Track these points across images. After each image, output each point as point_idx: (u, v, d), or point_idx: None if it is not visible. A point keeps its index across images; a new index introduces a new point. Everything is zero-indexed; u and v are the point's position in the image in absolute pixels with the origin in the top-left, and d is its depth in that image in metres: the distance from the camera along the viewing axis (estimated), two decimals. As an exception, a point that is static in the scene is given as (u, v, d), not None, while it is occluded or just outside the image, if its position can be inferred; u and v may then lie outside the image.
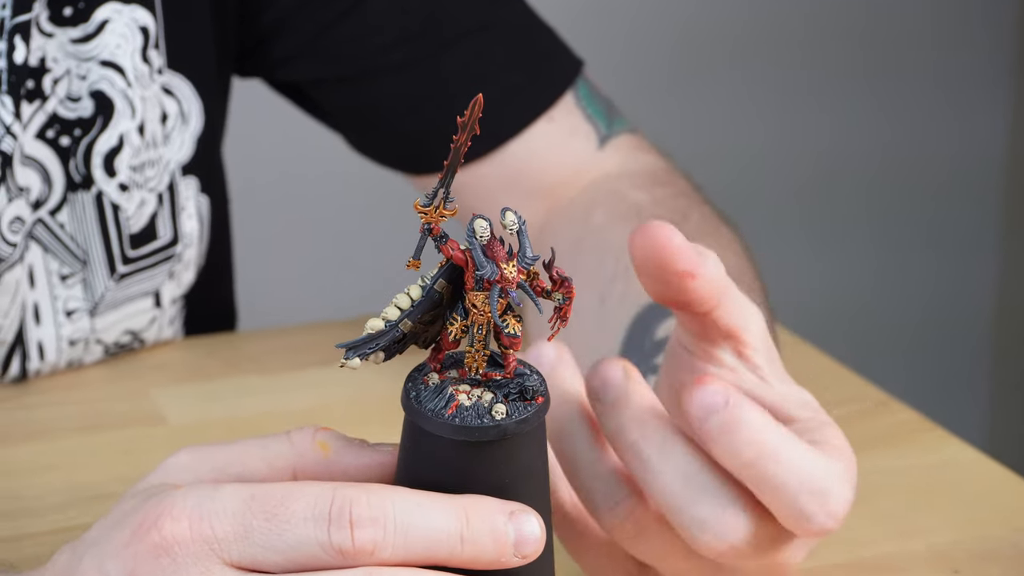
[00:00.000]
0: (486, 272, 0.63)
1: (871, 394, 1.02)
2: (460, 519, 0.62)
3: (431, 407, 0.63)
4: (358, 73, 1.05)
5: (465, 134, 0.62)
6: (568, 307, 0.64)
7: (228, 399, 1.01)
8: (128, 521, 0.64)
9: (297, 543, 0.62)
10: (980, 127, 2.50)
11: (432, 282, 0.64)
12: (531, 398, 0.64)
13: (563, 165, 1.05)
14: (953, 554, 0.84)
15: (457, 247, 0.64)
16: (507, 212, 0.63)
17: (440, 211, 0.63)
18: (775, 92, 2.40)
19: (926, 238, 2.53)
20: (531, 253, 0.64)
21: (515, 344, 0.64)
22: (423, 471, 0.64)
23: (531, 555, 0.63)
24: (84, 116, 0.98)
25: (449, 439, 0.63)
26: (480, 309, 0.64)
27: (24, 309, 0.99)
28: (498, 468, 0.64)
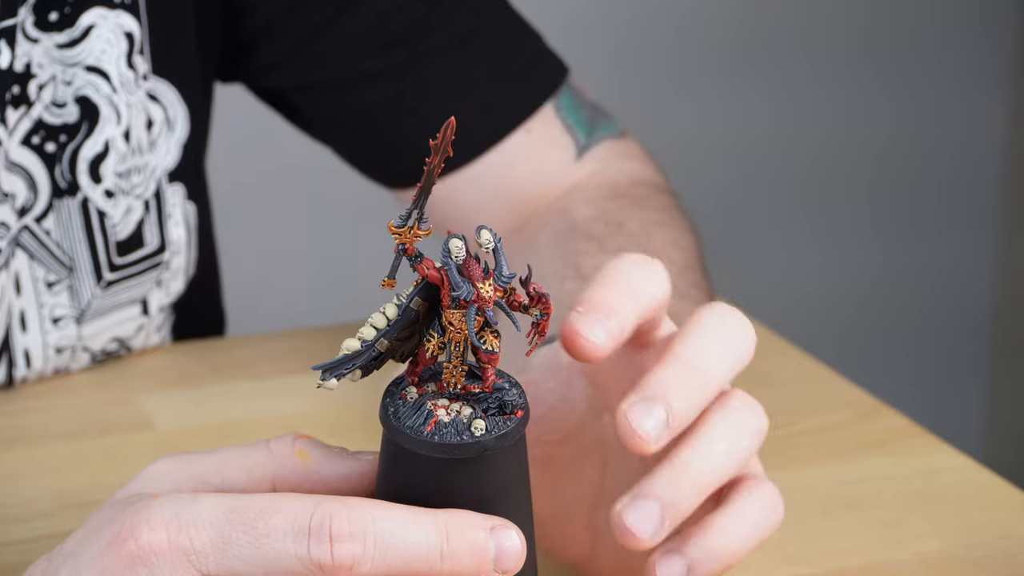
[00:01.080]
0: (462, 292, 0.63)
1: (862, 399, 1.01)
2: (440, 535, 0.62)
3: (409, 423, 0.63)
4: (338, 81, 1.05)
5: (438, 156, 0.62)
6: (546, 322, 0.64)
7: (216, 405, 1.01)
8: (105, 531, 0.63)
9: (276, 557, 0.61)
10: (981, 116, 2.49)
11: (408, 300, 0.64)
12: (510, 412, 0.64)
13: (540, 178, 1.05)
14: (943, 562, 0.84)
15: (432, 266, 0.63)
16: (482, 231, 0.63)
17: (414, 231, 0.63)
18: (774, 82, 2.39)
19: (925, 229, 2.52)
20: (507, 271, 0.64)
21: (493, 360, 0.64)
22: (403, 486, 0.64)
23: (511, 570, 0.63)
24: (69, 122, 0.98)
25: (428, 456, 0.63)
26: (457, 327, 0.63)
27: (10, 316, 0.99)
28: (478, 483, 0.64)
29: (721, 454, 0.68)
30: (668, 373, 0.68)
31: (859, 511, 0.89)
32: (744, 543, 0.69)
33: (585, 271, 0.95)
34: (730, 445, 0.69)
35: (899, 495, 0.91)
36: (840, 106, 2.42)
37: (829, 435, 0.97)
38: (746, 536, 0.70)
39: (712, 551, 0.69)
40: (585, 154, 1.06)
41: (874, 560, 0.84)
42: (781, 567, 0.83)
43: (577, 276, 0.94)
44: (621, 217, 1.01)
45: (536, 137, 1.05)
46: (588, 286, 0.69)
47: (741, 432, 0.69)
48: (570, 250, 0.98)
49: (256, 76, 1.08)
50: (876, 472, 0.93)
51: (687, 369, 0.68)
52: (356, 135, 1.08)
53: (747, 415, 0.70)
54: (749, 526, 0.70)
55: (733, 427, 0.69)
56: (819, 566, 0.84)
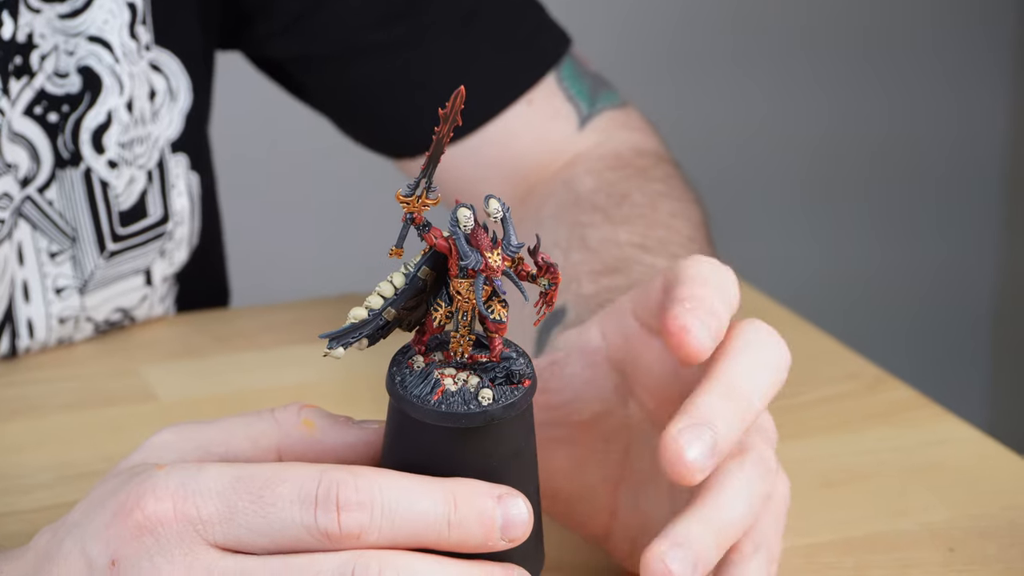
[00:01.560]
0: (471, 262, 0.62)
1: (868, 371, 1.01)
2: (448, 503, 0.62)
3: (416, 392, 0.63)
4: (339, 53, 1.04)
5: (447, 125, 0.62)
6: (554, 292, 0.64)
7: (219, 376, 1.01)
8: (110, 501, 0.63)
9: (283, 526, 0.61)
10: (981, 109, 2.49)
11: (415, 269, 0.64)
12: (518, 382, 0.64)
13: (542, 148, 1.05)
14: (948, 532, 0.84)
15: (440, 235, 0.63)
16: (491, 200, 0.62)
17: (422, 201, 0.63)
18: (774, 77, 2.39)
19: (926, 219, 2.52)
20: (516, 241, 0.63)
21: (501, 330, 0.64)
22: (409, 455, 0.64)
23: (518, 539, 0.63)
24: (72, 92, 0.98)
25: (435, 425, 0.63)
26: (465, 296, 0.63)
27: (13, 286, 0.99)
28: (485, 452, 0.63)
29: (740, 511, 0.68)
30: (714, 399, 0.67)
31: (864, 482, 0.89)
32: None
33: (591, 243, 0.94)
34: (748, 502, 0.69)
35: (904, 466, 0.90)
36: (840, 102, 2.42)
37: (834, 406, 0.97)
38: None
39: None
40: (587, 124, 1.06)
41: (879, 531, 0.84)
42: (786, 537, 0.82)
43: (583, 247, 0.94)
44: (625, 188, 1.00)
45: (538, 108, 1.05)
46: (684, 282, 0.68)
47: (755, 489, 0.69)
48: (575, 221, 0.97)
49: (255, 46, 1.07)
50: (881, 443, 0.93)
51: (732, 394, 0.67)
52: (356, 107, 1.07)
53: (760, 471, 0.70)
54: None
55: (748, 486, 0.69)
56: (823, 536, 0.83)
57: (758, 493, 0.68)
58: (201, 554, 0.61)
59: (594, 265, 0.92)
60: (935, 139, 2.48)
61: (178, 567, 0.61)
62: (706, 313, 0.67)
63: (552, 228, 0.98)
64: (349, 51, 1.05)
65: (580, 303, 0.88)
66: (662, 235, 0.96)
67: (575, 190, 1.01)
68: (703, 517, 0.66)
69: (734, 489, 0.67)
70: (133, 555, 0.62)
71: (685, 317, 0.66)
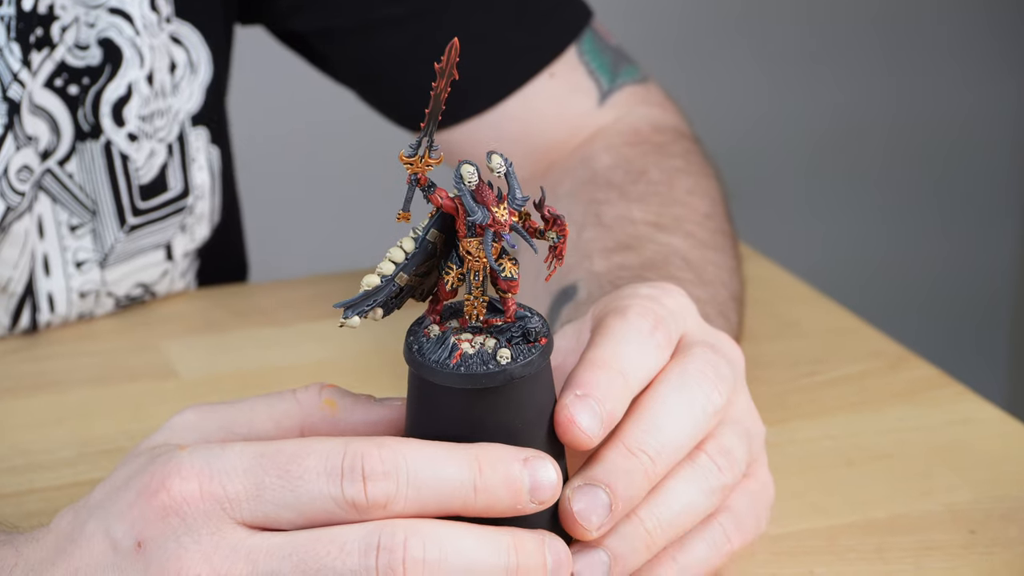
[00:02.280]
0: (478, 217, 0.62)
1: (890, 349, 1.01)
2: (472, 469, 0.62)
3: (435, 358, 0.63)
4: (361, 25, 1.04)
5: (443, 80, 0.61)
6: (563, 245, 0.64)
7: (239, 352, 1.00)
8: (134, 482, 0.63)
9: (310, 499, 0.61)
10: (995, 87, 2.47)
11: (424, 233, 0.64)
12: (534, 340, 0.64)
13: (562, 123, 1.04)
14: (970, 514, 0.83)
15: (446, 195, 0.63)
16: (493, 155, 0.62)
17: (425, 160, 0.63)
18: (786, 55, 2.38)
19: (943, 196, 2.51)
20: (520, 194, 0.63)
21: (513, 287, 0.64)
22: (432, 423, 0.64)
23: (548, 501, 0.63)
24: (92, 64, 0.97)
25: (456, 388, 0.63)
26: (475, 255, 0.63)
27: (34, 260, 0.99)
28: (507, 413, 0.63)
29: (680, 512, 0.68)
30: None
31: (886, 462, 0.88)
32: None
33: (605, 220, 0.94)
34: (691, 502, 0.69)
35: (926, 446, 0.90)
36: (854, 76, 2.41)
37: (856, 384, 0.96)
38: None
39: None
40: (608, 99, 1.05)
41: (901, 512, 0.83)
42: (806, 518, 0.83)
43: (598, 224, 0.94)
44: (642, 165, 1.00)
45: (559, 81, 1.04)
46: (582, 363, 0.67)
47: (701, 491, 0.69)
48: (591, 198, 0.97)
49: (277, 19, 1.07)
50: (903, 422, 0.92)
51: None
52: (379, 79, 1.07)
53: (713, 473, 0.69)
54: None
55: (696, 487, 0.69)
56: (845, 517, 0.83)
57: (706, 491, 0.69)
58: (229, 533, 0.61)
59: (607, 242, 0.92)
60: (950, 118, 2.46)
61: (206, 547, 0.61)
62: (598, 400, 0.66)
63: (568, 205, 0.98)
64: (370, 22, 1.04)
65: (591, 280, 0.88)
66: (678, 212, 0.95)
67: (592, 167, 1.00)
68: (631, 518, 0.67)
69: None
70: (159, 536, 0.61)
71: (573, 408, 0.65)
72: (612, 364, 0.66)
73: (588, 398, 0.65)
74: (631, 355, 0.67)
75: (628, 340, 0.68)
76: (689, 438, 0.68)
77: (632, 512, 0.67)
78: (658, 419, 0.67)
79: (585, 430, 0.65)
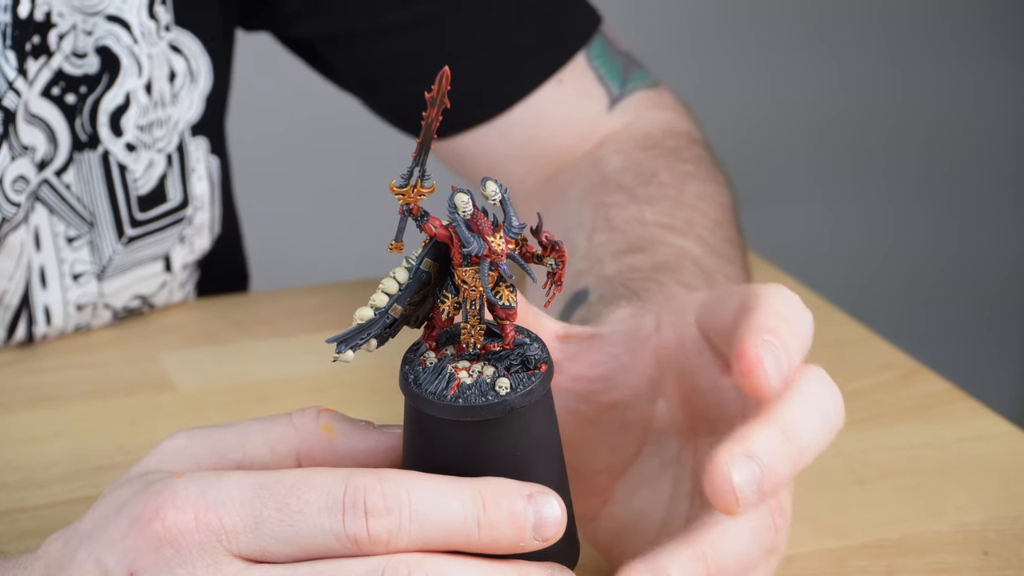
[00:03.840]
0: (473, 248, 0.61)
1: (901, 362, 0.99)
2: (476, 504, 0.60)
3: (432, 390, 0.61)
4: (366, 30, 1.03)
5: (435, 109, 0.60)
6: (562, 271, 0.63)
7: (238, 364, 0.99)
8: (127, 511, 0.61)
9: (310, 533, 0.60)
10: (1002, 76, 2.46)
11: (418, 262, 0.62)
12: (534, 367, 0.62)
13: (571, 130, 1.03)
14: (983, 534, 0.82)
15: (440, 224, 0.62)
16: (488, 182, 0.61)
17: (418, 190, 0.61)
18: (794, 47, 2.37)
19: (952, 187, 2.50)
20: (517, 222, 0.62)
21: (511, 315, 0.62)
22: (431, 454, 0.62)
23: (552, 538, 0.62)
24: (90, 73, 0.96)
25: (454, 421, 0.61)
26: (471, 284, 0.62)
27: (30, 272, 0.97)
28: (508, 444, 0.62)
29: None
30: (770, 437, 0.64)
31: (896, 480, 0.87)
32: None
33: (616, 223, 0.93)
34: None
35: (938, 463, 0.88)
36: (860, 66, 2.40)
37: (867, 399, 0.95)
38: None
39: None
40: (618, 105, 1.04)
41: (913, 532, 0.82)
42: (817, 538, 0.81)
43: (608, 228, 0.92)
44: (653, 168, 0.98)
45: (568, 88, 1.03)
46: (766, 313, 0.65)
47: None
48: (600, 202, 0.95)
49: (282, 25, 1.06)
50: (915, 438, 0.91)
51: (788, 437, 0.64)
52: (382, 86, 1.05)
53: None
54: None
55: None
56: (855, 538, 0.82)
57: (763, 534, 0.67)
58: (225, 566, 0.60)
59: (618, 244, 0.90)
60: (957, 110, 2.45)
61: None
62: (783, 351, 0.64)
63: (578, 209, 0.96)
64: (376, 28, 1.03)
65: (602, 283, 0.87)
66: (689, 216, 0.94)
67: (602, 170, 0.99)
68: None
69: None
70: (152, 567, 0.60)
71: (762, 349, 0.64)
72: (787, 327, 0.65)
73: (775, 346, 0.63)
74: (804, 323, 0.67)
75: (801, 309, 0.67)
76: (821, 446, 0.66)
77: (698, 546, 0.64)
78: (807, 414, 0.65)
79: (769, 375, 0.63)
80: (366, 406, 0.93)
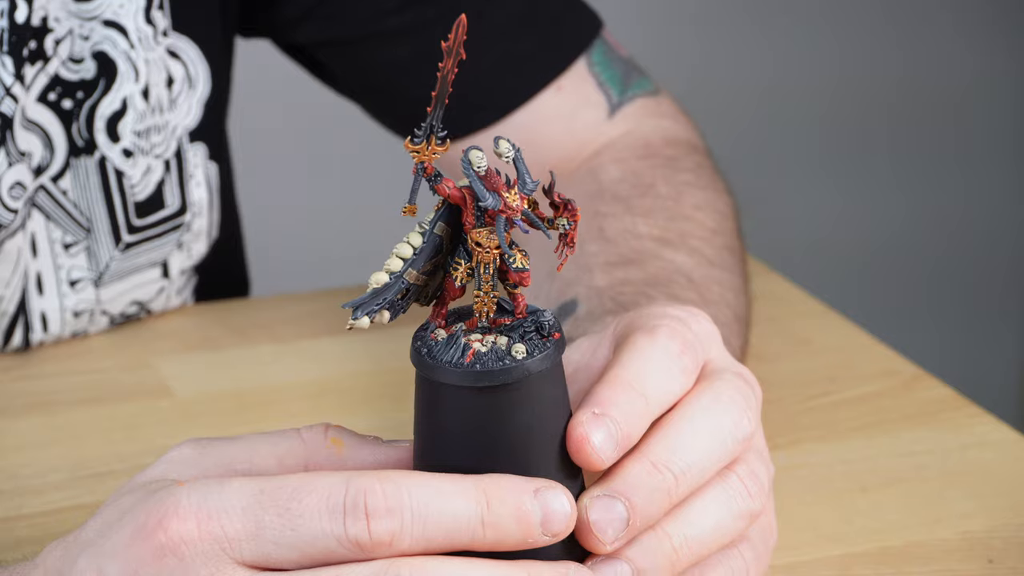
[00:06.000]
0: (489, 203, 0.60)
1: (904, 368, 0.99)
2: (480, 503, 0.60)
3: (446, 359, 0.61)
4: (364, 36, 1.02)
5: (451, 59, 0.60)
6: (574, 231, 0.62)
7: (236, 370, 0.98)
8: (129, 520, 0.61)
9: (312, 538, 0.59)
10: (1002, 55, 2.46)
11: (431, 226, 0.62)
12: (548, 334, 0.62)
13: (570, 137, 1.02)
14: (988, 542, 0.81)
15: (453, 185, 0.61)
16: (500, 140, 0.61)
17: (432, 147, 0.60)
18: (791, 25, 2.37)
19: (948, 168, 2.49)
20: (531, 180, 0.61)
21: (524, 279, 0.62)
22: (445, 431, 0.62)
23: (561, 532, 0.61)
24: (87, 78, 0.95)
25: (471, 387, 0.60)
26: (485, 246, 0.61)
27: (26, 278, 0.97)
28: (524, 411, 0.61)
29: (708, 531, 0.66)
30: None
31: (899, 487, 0.86)
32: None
33: (608, 234, 0.92)
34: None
35: (942, 470, 0.88)
36: (859, 45, 2.40)
37: (869, 405, 0.94)
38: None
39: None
40: (617, 112, 1.03)
41: (916, 539, 0.81)
42: (820, 546, 0.81)
43: (600, 238, 0.92)
44: (651, 178, 0.98)
45: (568, 94, 1.02)
46: (605, 380, 0.65)
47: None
48: (595, 212, 0.95)
49: (280, 31, 1.05)
50: (918, 445, 0.90)
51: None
52: (383, 92, 1.05)
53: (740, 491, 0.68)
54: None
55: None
56: (859, 545, 0.81)
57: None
58: (228, 573, 0.59)
59: (609, 256, 0.90)
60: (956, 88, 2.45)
61: None
62: (614, 423, 0.64)
63: None
64: (374, 34, 1.02)
65: (592, 296, 0.86)
66: (684, 227, 0.93)
67: (599, 180, 0.99)
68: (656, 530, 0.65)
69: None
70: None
71: (588, 426, 0.63)
72: (635, 384, 0.65)
73: (605, 417, 0.63)
74: (656, 376, 0.66)
75: (655, 360, 0.66)
76: (716, 462, 0.66)
77: (659, 527, 0.65)
78: (686, 438, 0.65)
79: (598, 451, 0.63)
80: (365, 413, 0.93)
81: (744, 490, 0.67)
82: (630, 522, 0.63)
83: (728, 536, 0.67)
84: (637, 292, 0.86)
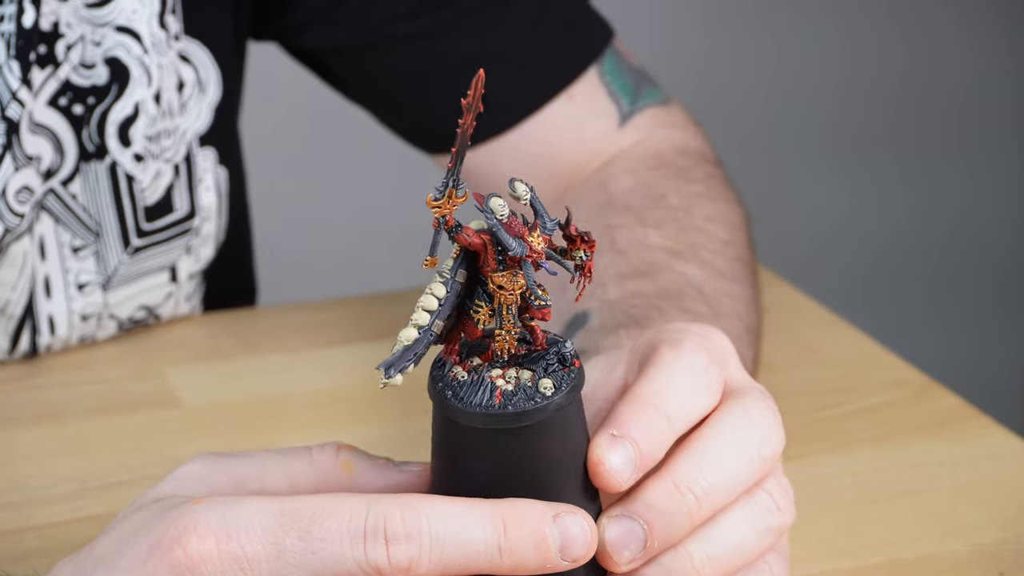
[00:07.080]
0: (516, 251, 0.60)
1: (914, 378, 0.98)
2: (498, 529, 0.60)
3: (475, 401, 0.60)
4: (374, 42, 1.02)
5: (470, 115, 0.59)
6: (591, 262, 0.62)
7: (246, 380, 0.98)
8: (145, 536, 0.60)
9: (333, 561, 0.59)
10: (1004, 53, 2.46)
11: (452, 274, 0.61)
12: (569, 364, 0.62)
13: (581, 146, 1.02)
14: (999, 554, 0.81)
15: (472, 233, 0.61)
16: (516, 183, 0.60)
17: (453, 200, 0.60)
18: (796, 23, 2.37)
19: (952, 165, 2.49)
20: (550, 220, 0.61)
21: (546, 315, 0.62)
22: (469, 466, 0.61)
23: (581, 558, 0.61)
24: (98, 84, 0.95)
25: (504, 429, 0.60)
26: (509, 289, 0.61)
27: (34, 282, 0.96)
28: (551, 445, 0.61)
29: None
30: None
31: (910, 499, 0.86)
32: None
33: (620, 245, 0.92)
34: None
35: (953, 482, 0.88)
36: (862, 39, 2.39)
37: (880, 416, 0.94)
38: None
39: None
40: (628, 122, 1.03)
41: (927, 552, 0.81)
42: (830, 559, 0.81)
43: (612, 250, 0.92)
44: (662, 189, 0.98)
45: (578, 104, 1.02)
46: (627, 398, 0.65)
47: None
48: (606, 224, 0.95)
49: (290, 36, 1.05)
50: (929, 456, 0.90)
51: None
52: (392, 98, 1.04)
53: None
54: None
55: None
56: (869, 558, 0.81)
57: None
58: None
59: (621, 268, 0.90)
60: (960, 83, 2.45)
61: None
62: (633, 445, 0.63)
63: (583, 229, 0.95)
64: (384, 40, 1.02)
65: (604, 309, 0.86)
66: (695, 239, 0.93)
67: (609, 191, 0.98)
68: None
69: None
70: None
71: (604, 450, 0.63)
72: (657, 403, 0.64)
73: (623, 440, 0.63)
74: (681, 393, 0.65)
75: (679, 376, 0.65)
76: (743, 481, 0.66)
77: (681, 546, 0.64)
78: (712, 457, 0.65)
79: (616, 473, 0.63)
80: (376, 422, 0.92)
81: (773, 504, 0.66)
82: (647, 543, 0.63)
83: (754, 553, 0.66)
84: (648, 305, 0.86)
